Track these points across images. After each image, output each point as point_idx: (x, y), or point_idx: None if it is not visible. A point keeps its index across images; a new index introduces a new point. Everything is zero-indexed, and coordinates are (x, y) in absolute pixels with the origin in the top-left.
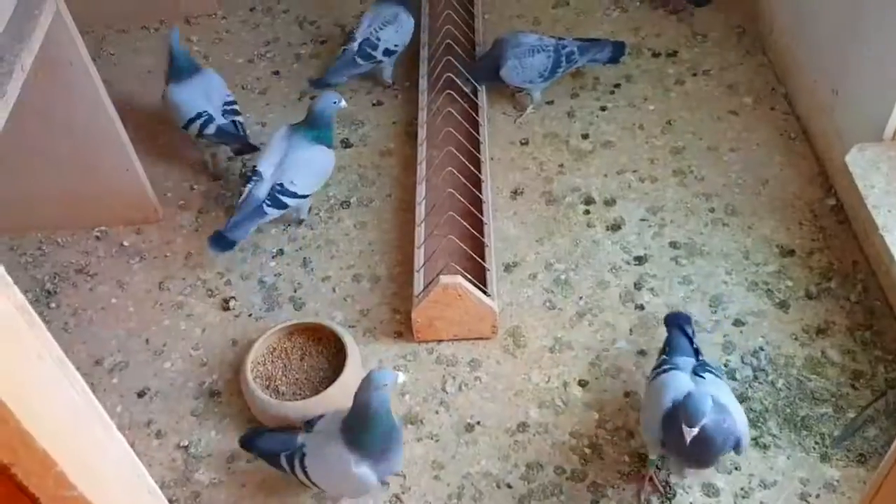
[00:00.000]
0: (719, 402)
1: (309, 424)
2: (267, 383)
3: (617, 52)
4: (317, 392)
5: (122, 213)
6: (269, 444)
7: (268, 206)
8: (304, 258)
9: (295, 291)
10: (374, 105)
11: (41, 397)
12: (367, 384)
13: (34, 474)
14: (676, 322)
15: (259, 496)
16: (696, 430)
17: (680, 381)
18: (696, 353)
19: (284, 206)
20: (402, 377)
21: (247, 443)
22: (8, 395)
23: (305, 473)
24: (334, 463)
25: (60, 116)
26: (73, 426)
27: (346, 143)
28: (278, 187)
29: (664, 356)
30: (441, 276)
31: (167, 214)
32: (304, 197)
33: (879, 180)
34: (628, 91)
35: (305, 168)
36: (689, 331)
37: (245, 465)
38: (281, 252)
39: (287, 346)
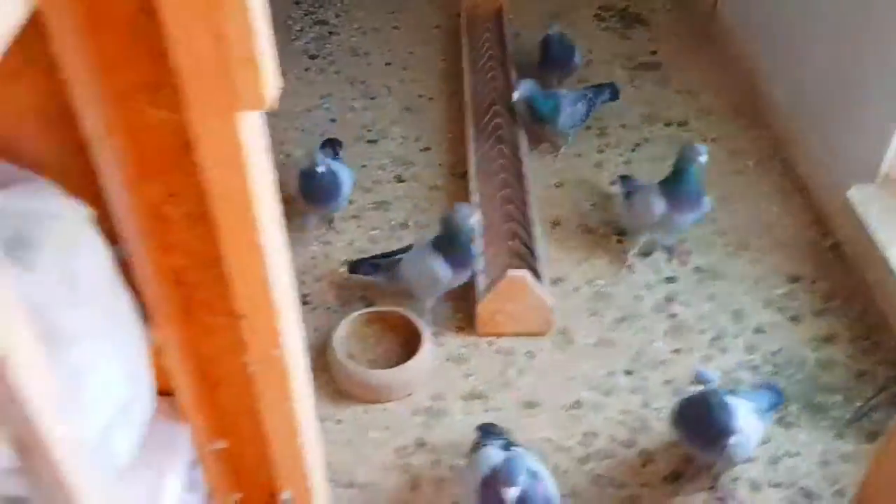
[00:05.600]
0: (532, 468)
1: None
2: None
3: (614, 91)
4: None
5: None
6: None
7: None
8: None
9: (364, 290)
10: (421, 151)
11: (276, 257)
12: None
13: (258, 330)
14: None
15: None
16: (514, 491)
17: (493, 453)
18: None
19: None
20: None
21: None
22: (262, 247)
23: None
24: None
25: None
26: (289, 291)
27: (399, 179)
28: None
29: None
30: (509, 271)
31: None
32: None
33: (876, 207)
34: (647, 150)
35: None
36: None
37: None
38: None
39: (366, 332)
